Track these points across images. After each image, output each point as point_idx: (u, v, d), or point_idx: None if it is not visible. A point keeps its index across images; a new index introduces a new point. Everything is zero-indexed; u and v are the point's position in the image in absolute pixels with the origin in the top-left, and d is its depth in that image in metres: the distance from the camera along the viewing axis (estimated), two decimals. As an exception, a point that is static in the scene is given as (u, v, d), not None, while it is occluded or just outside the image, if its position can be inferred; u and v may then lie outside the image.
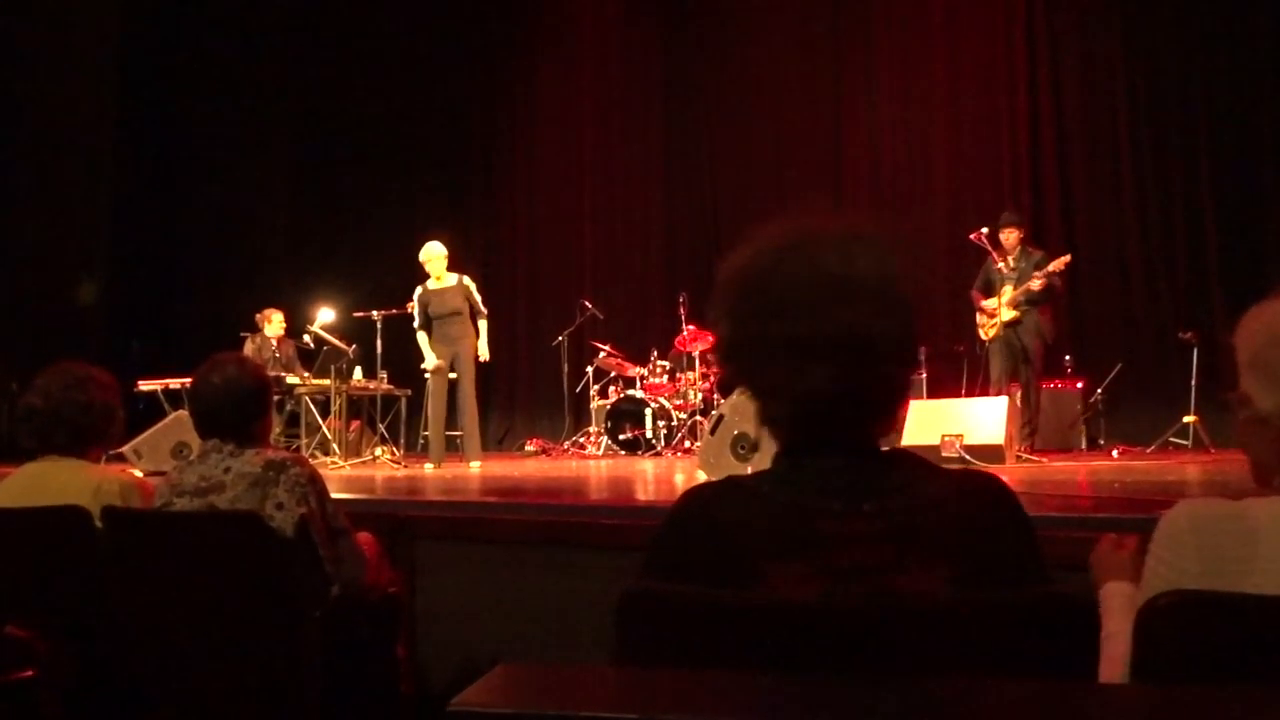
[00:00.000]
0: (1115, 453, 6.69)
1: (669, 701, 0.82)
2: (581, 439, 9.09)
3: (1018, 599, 1.03)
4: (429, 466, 6.77)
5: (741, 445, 4.34)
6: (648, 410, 8.47)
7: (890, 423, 1.17)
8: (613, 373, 9.13)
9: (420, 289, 6.97)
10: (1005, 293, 6.61)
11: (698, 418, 8.21)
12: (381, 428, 8.04)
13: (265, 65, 10.80)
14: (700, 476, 4.41)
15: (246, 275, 10.34)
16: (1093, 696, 0.91)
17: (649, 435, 8.41)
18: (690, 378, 8.61)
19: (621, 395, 8.71)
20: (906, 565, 1.04)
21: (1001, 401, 5.77)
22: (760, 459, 4.04)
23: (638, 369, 8.96)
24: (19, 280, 9.06)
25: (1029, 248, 6.79)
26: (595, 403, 9.13)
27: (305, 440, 7.50)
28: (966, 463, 4.96)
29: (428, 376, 6.98)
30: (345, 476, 6.05)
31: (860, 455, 1.14)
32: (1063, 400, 7.55)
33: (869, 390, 1.12)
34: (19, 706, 1.98)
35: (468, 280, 6.97)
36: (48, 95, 9.31)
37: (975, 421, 5.53)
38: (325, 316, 8.00)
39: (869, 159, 9.45)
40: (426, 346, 6.93)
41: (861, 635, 0.99)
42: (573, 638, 2.91)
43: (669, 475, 5.66)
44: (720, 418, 4.50)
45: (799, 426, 1.16)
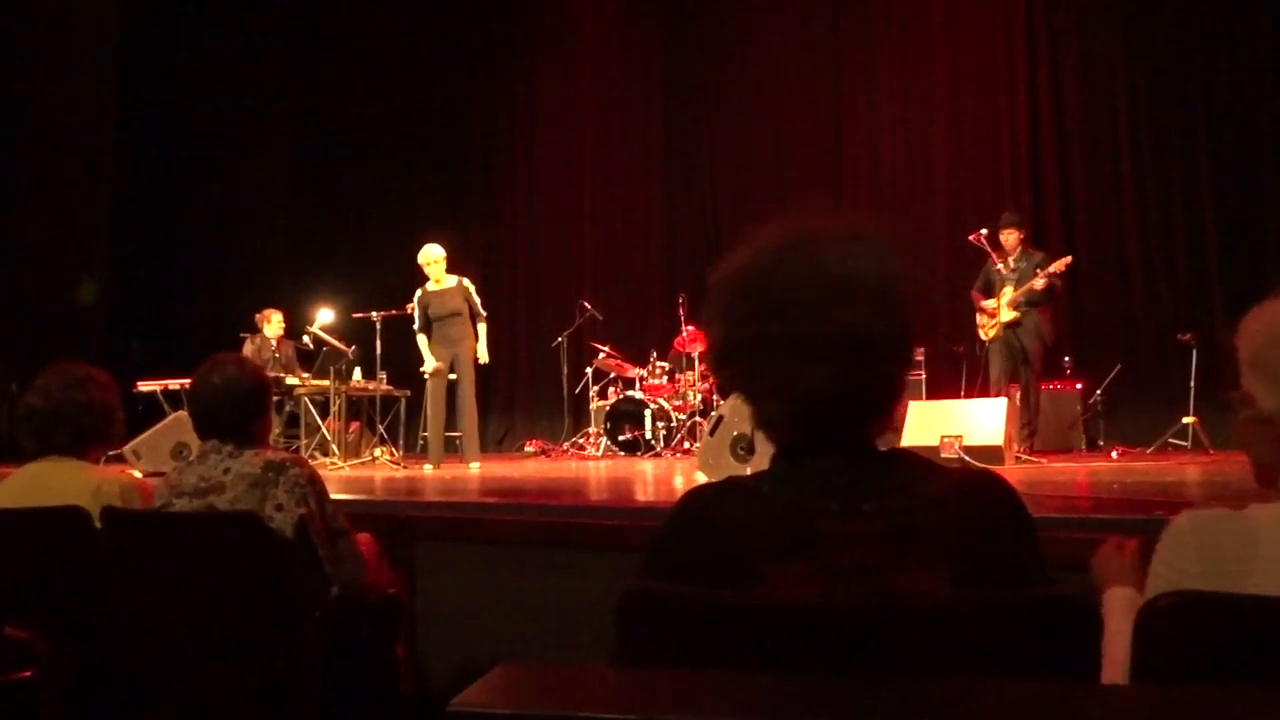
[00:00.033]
0: (1115, 454, 6.69)
1: (669, 702, 0.82)
2: (581, 440, 9.09)
3: (1018, 599, 1.03)
4: (428, 468, 6.77)
5: (741, 446, 4.34)
6: (647, 411, 8.47)
7: (887, 422, 1.17)
8: (612, 374, 9.14)
9: (420, 291, 6.97)
10: (1005, 293, 6.61)
11: (697, 419, 8.22)
12: (381, 428, 8.05)
13: (265, 65, 10.80)
14: (699, 477, 4.41)
15: (246, 275, 10.34)
16: (1093, 697, 0.91)
17: (648, 436, 8.40)
18: (689, 379, 8.61)
19: (621, 396, 8.71)
20: (906, 565, 1.04)
21: (1001, 402, 5.77)
22: (757, 460, 4.04)
23: (637, 370, 8.96)
24: (19, 280, 9.06)
25: (1029, 249, 6.78)
26: (595, 404, 9.13)
27: (305, 441, 7.50)
28: (966, 464, 4.96)
29: (427, 378, 6.98)
30: (344, 477, 6.05)
31: (860, 455, 1.14)
32: (1062, 401, 7.55)
33: (868, 390, 1.12)
34: (19, 706, 1.97)
35: (467, 282, 6.97)
36: (48, 95, 9.31)
37: (975, 422, 5.54)
38: (325, 317, 8.00)
39: (869, 159, 9.45)
40: (426, 349, 6.94)
41: (861, 635, 0.99)
42: (572, 638, 2.91)
43: (668, 476, 5.65)
44: (719, 419, 4.50)
45: (798, 427, 1.15)
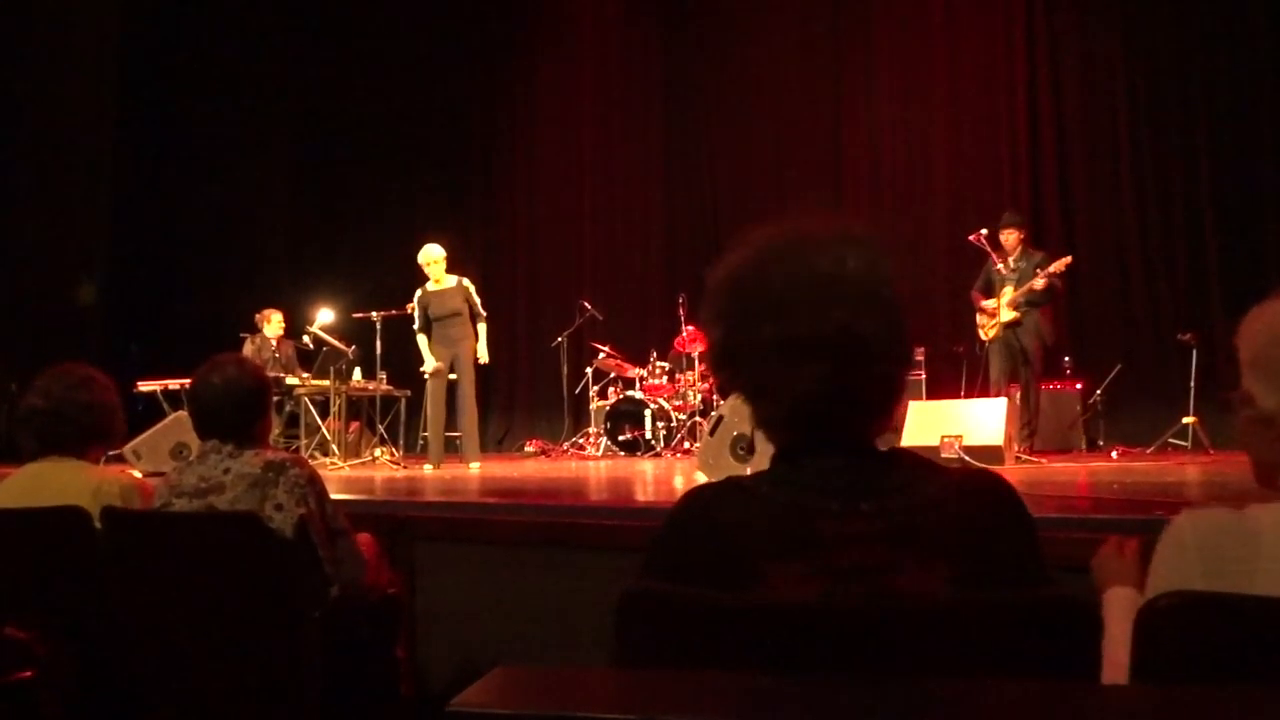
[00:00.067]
0: (1114, 454, 6.69)
1: (668, 702, 0.82)
2: (581, 440, 9.09)
3: (1017, 599, 1.03)
4: (428, 468, 6.77)
5: (741, 446, 4.34)
6: (647, 411, 8.47)
7: (887, 422, 1.17)
8: (612, 374, 9.13)
9: (420, 291, 6.97)
10: (1005, 293, 6.60)
11: (697, 419, 8.22)
12: (381, 428, 8.04)
13: (265, 65, 10.80)
14: (699, 477, 4.41)
15: (246, 275, 10.33)
16: (1092, 697, 0.91)
17: (648, 436, 8.40)
18: (689, 379, 8.61)
19: (621, 396, 8.71)
20: (906, 565, 1.04)
21: (1001, 402, 5.76)
22: (758, 460, 4.04)
23: (637, 370, 8.96)
24: (19, 280, 9.05)
25: (1029, 249, 6.78)
26: (595, 404, 9.13)
27: (304, 441, 7.50)
28: (966, 464, 4.96)
29: (427, 379, 6.98)
30: (344, 477, 6.05)
31: (859, 455, 1.14)
32: (1062, 401, 7.55)
33: (864, 390, 1.12)
34: (19, 707, 1.97)
35: (467, 282, 6.97)
36: (48, 95, 9.31)
37: (974, 422, 5.53)
38: (325, 317, 8.00)
39: (869, 159, 9.45)
40: (426, 349, 6.94)
41: (861, 635, 0.99)
42: (572, 639, 2.91)
43: (668, 476, 5.65)
44: (719, 419, 4.50)
45: (796, 427, 1.16)
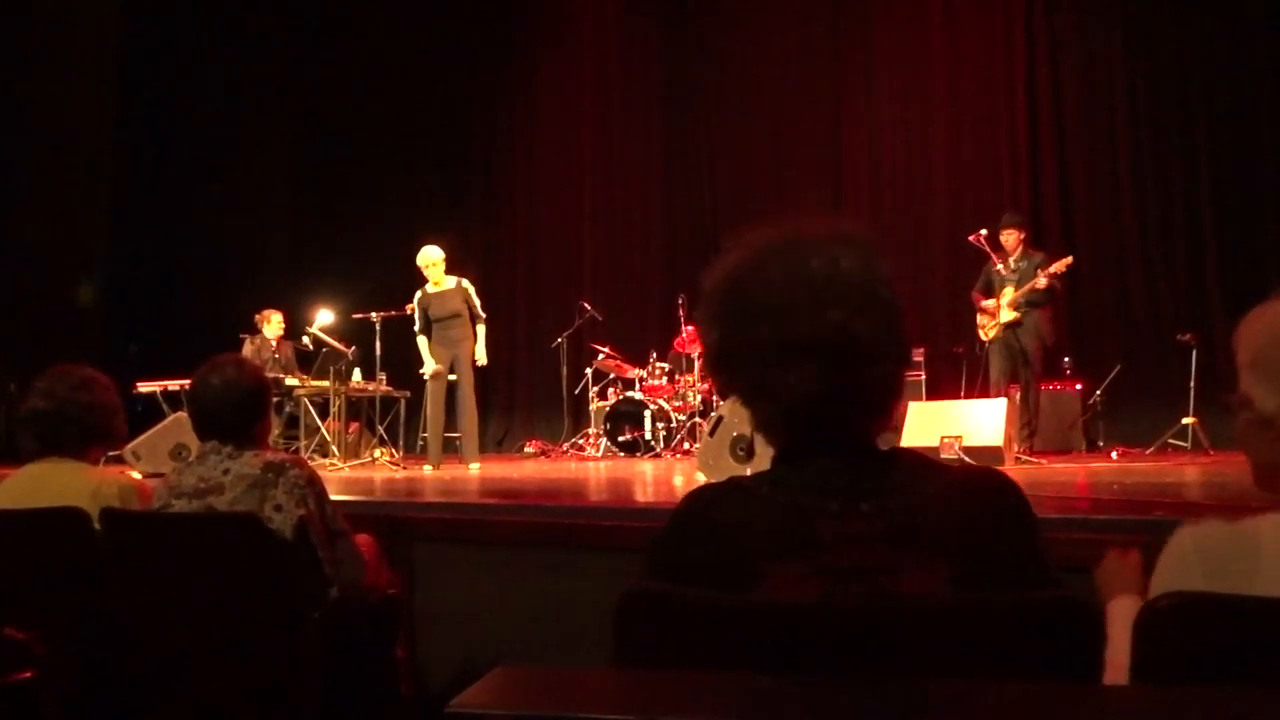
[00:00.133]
0: (1114, 454, 6.69)
1: (668, 703, 0.82)
2: (580, 440, 9.08)
3: (1017, 600, 1.03)
4: (428, 468, 6.77)
5: (741, 447, 4.34)
6: (647, 412, 8.46)
7: (886, 421, 1.17)
8: (612, 374, 9.13)
9: (420, 293, 6.97)
10: (1005, 294, 6.60)
11: (697, 419, 8.21)
12: (380, 429, 8.04)
13: (265, 65, 10.80)
14: (699, 478, 4.40)
15: (246, 276, 10.33)
16: (1092, 697, 0.91)
17: (648, 437, 8.40)
18: (689, 379, 8.61)
19: (620, 397, 8.70)
20: (905, 565, 1.04)
21: (1001, 403, 5.76)
22: (759, 462, 4.03)
23: (637, 371, 8.95)
24: (19, 280, 9.05)
25: (1030, 249, 6.77)
26: (594, 404, 9.12)
27: (304, 442, 7.49)
28: (966, 464, 4.96)
29: (427, 380, 6.98)
30: (344, 478, 6.05)
31: (859, 455, 1.14)
32: (1062, 402, 7.55)
33: (862, 390, 1.12)
34: (18, 708, 1.97)
35: (466, 283, 6.97)
36: (48, 95, 9.30)
37: (974, 423, 5.53)
38: (324, 318, 7.99)
39: (869, 159, 9.45)
40: (426, 351, 6.93)
41: (860, 636, 0.99)
42: (572, 639, 2.91)
43: (668, 477, 5.65)
44: (719, 419, 4.49)
45: (794, 428, 1.16)
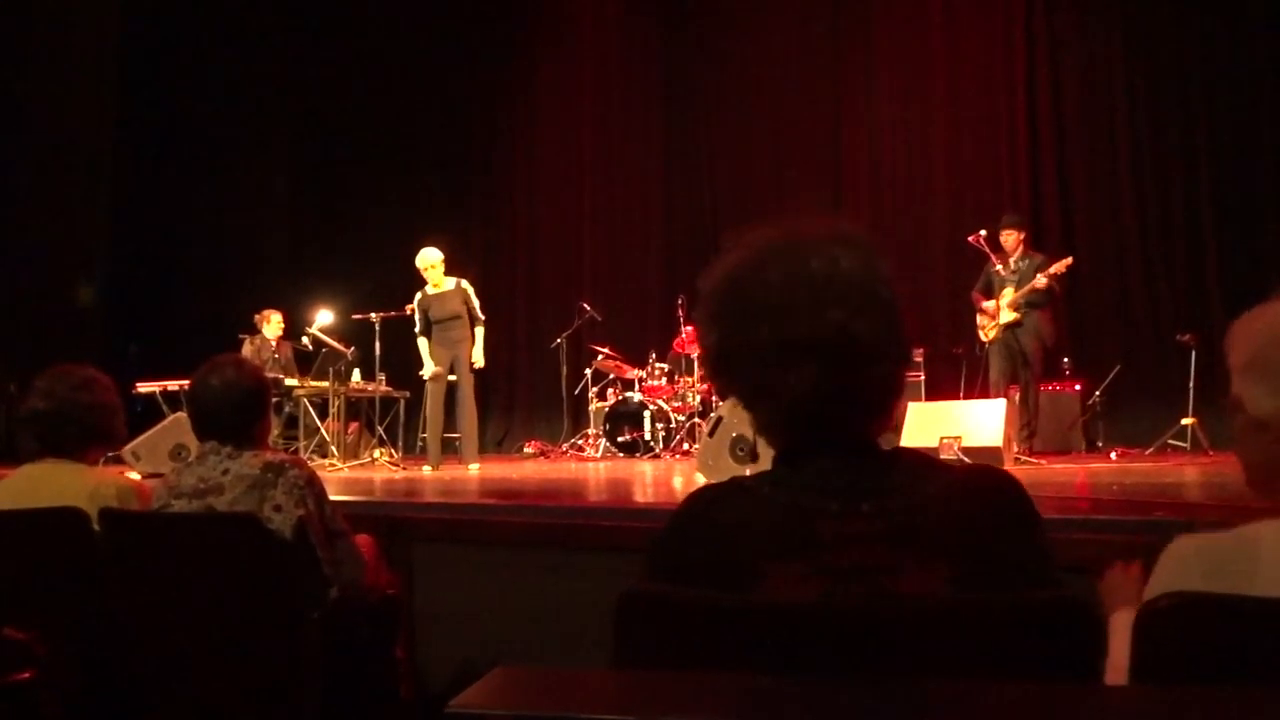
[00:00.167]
0: (1114, 455, 6.69)
1: (668, 703, 0.82)
2: (580, 441, 9.08)
3: (1018, 600, 1.02)
4: (427, 469, 6.77)
5: (740, 447, 4.33)
6: (646, 412, 8.46)
7: (886, 421, 1.17)
8: (611, 375, 9.13)
9: (420, 294, 6.97)
10: (1005, 295, 6.60)
11: (696, 420, 8.21)
12: (380, 430, 8.04)
13: (265, 65, 10.79)
14: (699, 479, 4.40)
15: (246, 276, 10.33)
16: (1092, 698, 0.91)
17: (647, 437, 8.40)
18: (689, 380, 8.61)
19: (620, 397, 8.70)
20: (905, 565, 1.04)
21: (1000, 403, 5.76)
22: (761, 464, 4.03)
23: (636, 371, 8.95)
24: (19, 280, 9.04)
25: (1030, 250, 6.77)
26: (594, 405, 9.12)
27: (304, 442, 7.50)
28: (966, 464, 4.96)
29: (426, 381, 6.98)
30: (343, 478, 6.05)
31: (859, 455, 1.13)
32: (1061, 402, 7.55)
33: (862, 390, 1.12)
34: (18, 708, 1.97)
35: (466, 284, 6.98)
36: (48, 95, 9.30)
37: (974, 423, 5.52)
38: (324, 318, 7.99)
39: (868, 160, 9.45)
40: (426, 353, 6.93)
41: (861, 636, 0.99)
42: (572, 640, 2.91)
43: (667, 477, 5.65)
44: (719, 420, 4.49)
45: (794, 429, 1.15)
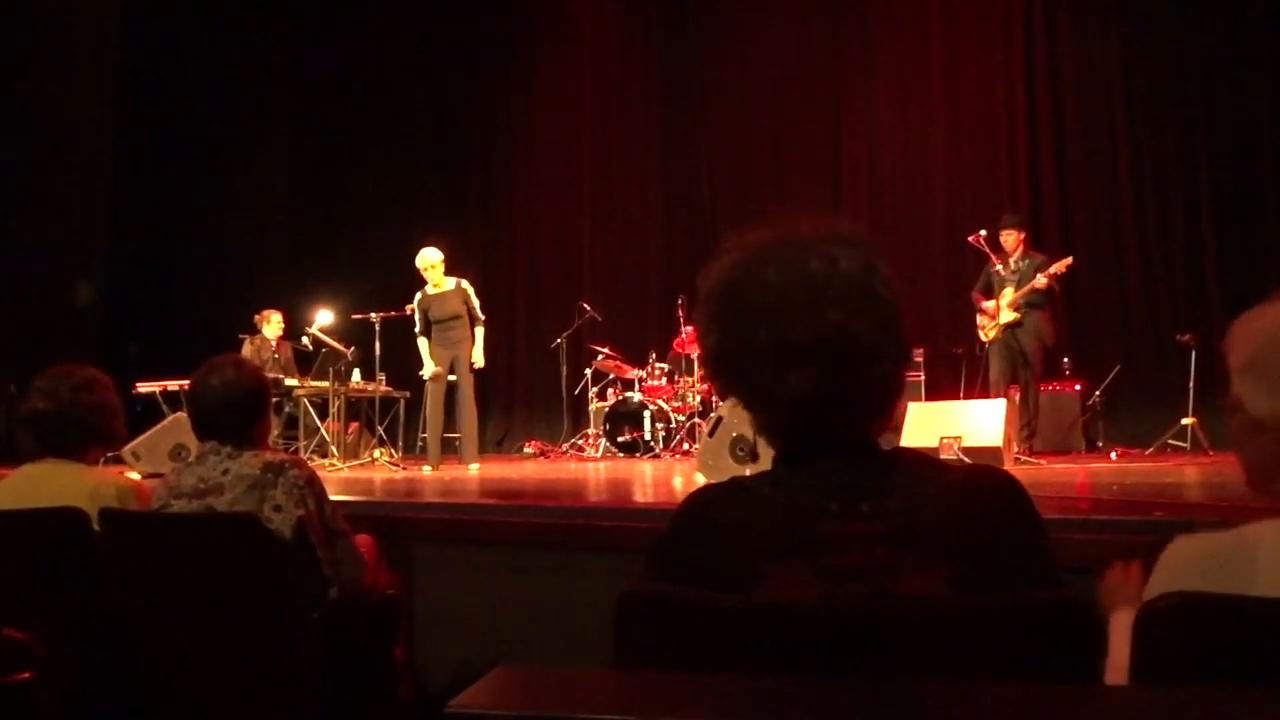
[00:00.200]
0: (1114, 455, 6.69)
1: (668, 704, 0.82)
2: (580, 441, 9.08)
3: (1018, 600, 1.02)
4: (427, 469, 6.77)
5: (740, 447, 4.33)
6: (646, 412, 8.46)
7: (886, 421, 1.16)
8: (611, 375, 9.13)
9: (420, 294, 6.97)
10: (1005, 295, 6.61)
11: (696, 420, 8.21)
12: (380, 430, 8.04)
13: (265, 65, 10.80)
14: (698, 479, 4.40)
15: (246, 276, 10.33)
16: (1092, 698, 0.91)
17: (647, 437, 8.40)
18: (689, 380, 8.61)
19: (620, 397, 8.70)
20: (905, 566, 1.04)
21: (1000, 403, 5.75)
22: (761, 464, 4.03)
23: (636, 371, 8.95)
24: (19, 280, 9.04)
25: (1029, 250, 6.77)
26: (594, 405, 9.12)
27: (303, 442, 7.50)
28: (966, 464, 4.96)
29: (426, 382, 6.98)
30: (343, 478, 6.05)
31: (859, 455, 1.13)
32: (1061, 402, 7.55)
33: (862, 390, 1.12)
34: (18, 708, 1.97)
35: (466, 284, 6.98)
36: (48, 95, 9.30)
37: (974, 423, 5.52)
38: (324, 319, 7.99)
39: (868, 160, 9.45)
40: (426, 353, 6.93)
41: (860, 636, 0.99)
42: (572, 640, 2.91)
43: (667, 478, 5.65)
44: (719, 420, 4.49)
45: (794, 430, 1.15)
